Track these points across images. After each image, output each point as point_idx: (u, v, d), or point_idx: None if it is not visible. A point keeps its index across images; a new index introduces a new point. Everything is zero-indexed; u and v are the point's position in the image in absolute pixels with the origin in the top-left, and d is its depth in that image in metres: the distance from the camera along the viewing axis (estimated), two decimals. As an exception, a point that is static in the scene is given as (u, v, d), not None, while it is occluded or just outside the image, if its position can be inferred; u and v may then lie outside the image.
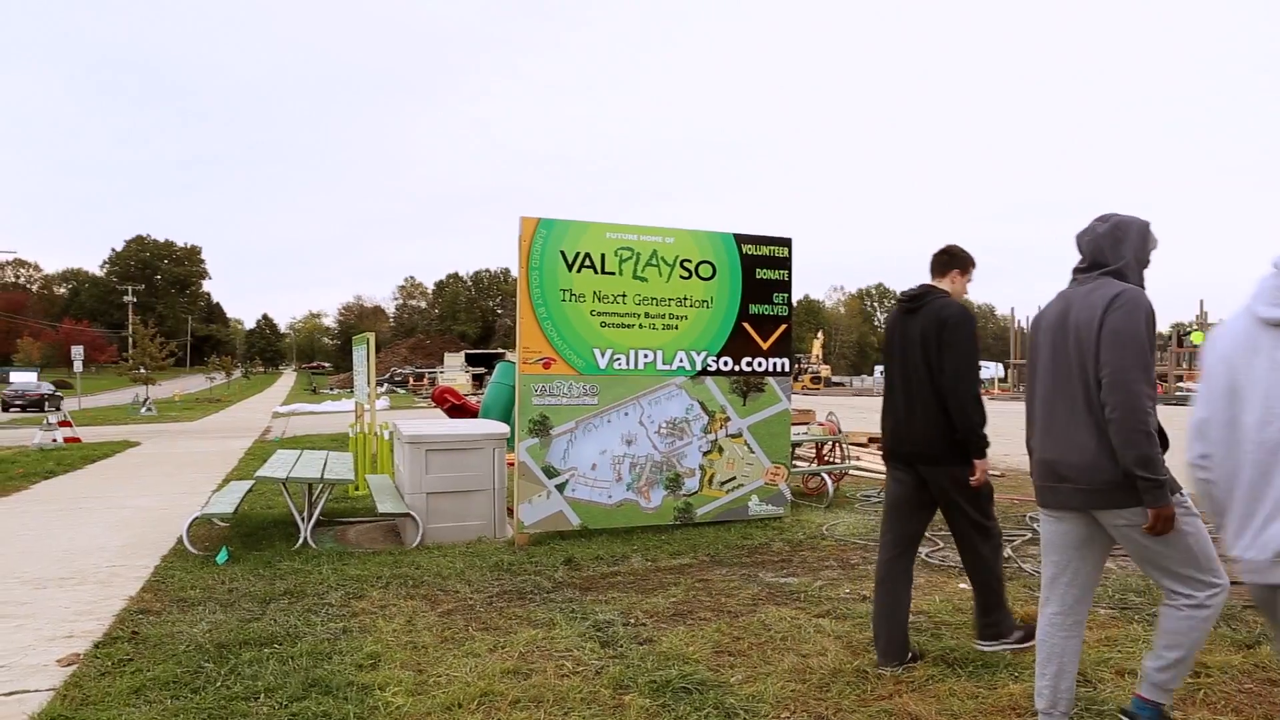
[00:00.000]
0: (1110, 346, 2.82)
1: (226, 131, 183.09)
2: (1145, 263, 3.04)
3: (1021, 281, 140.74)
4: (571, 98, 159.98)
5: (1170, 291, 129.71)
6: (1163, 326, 52.87)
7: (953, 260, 4.18)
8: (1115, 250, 3.00)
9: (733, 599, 4.98)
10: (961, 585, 5.23)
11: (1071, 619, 3.06)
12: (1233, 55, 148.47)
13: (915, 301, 4.06)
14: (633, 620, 4.56)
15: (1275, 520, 2.20)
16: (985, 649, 4.01)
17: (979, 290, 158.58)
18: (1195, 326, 48.75)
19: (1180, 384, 41.82)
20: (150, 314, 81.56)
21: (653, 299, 7.03)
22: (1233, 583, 2.91)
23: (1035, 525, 6.93)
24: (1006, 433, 16.67)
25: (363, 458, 9.42)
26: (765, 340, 7.41)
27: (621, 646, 4.12)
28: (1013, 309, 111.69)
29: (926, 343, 3.93)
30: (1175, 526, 2.79)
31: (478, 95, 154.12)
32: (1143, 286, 2.98)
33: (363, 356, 10.18)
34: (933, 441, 3.90)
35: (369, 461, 9.50)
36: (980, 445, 3.87)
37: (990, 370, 60.20)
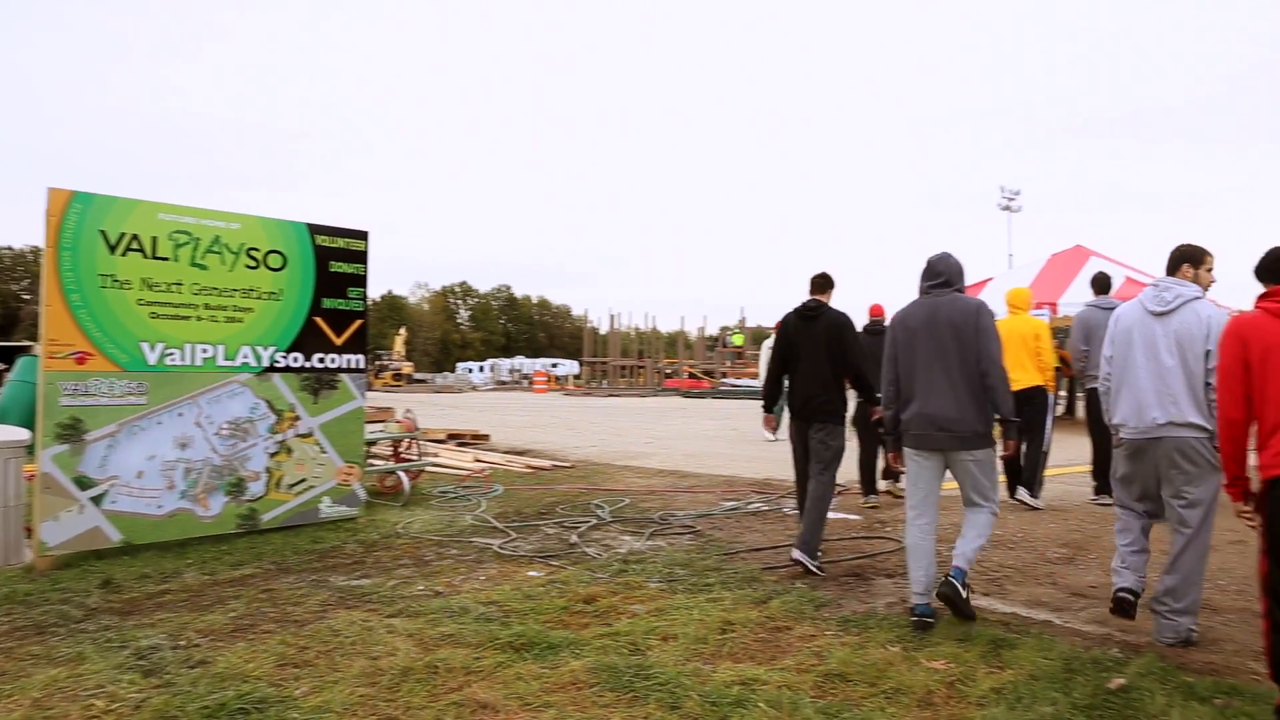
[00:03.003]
0: (986, 341, 4.40)
1: None
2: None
3: (594, 286, 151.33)
4: (136, 60, 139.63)
5: (717, 299, 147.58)
6: (712, 329, 60.05)
7: (827, 282, 6.13)
8: (960, 276, 4.64)
9: (300, 607, 4.74)
10: (531, 573, 5.49)
11: (932, 526, 4.55)
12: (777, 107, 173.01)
13: (813, 314, 5.90)
14: (184, 642, 4.14)
15: (1153, 407, 4.14)
16: (801, 562, 5.49)
17: (557, 291, 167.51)
18: (737, 329, 56.06)
19: (724, 380, 47.33)
20: None
21: (214, 289, 6.44)
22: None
23: (601, 513, 7.51)
24: (580, 428, 17.83)
25: None
26: (339, 335, 7.15)
27: (169, 673, 3.72)
28: (586, 310, 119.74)
29: (830, 341, 5.76)
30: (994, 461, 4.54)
31: (18, 44, 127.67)
32: None
33: None
34: (822, 407, 5.72)
35: None
36: (877, 400, 5.36)
37: (566, 367, 63.93)
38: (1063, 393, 17.90)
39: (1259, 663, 3.98)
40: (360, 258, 7.34)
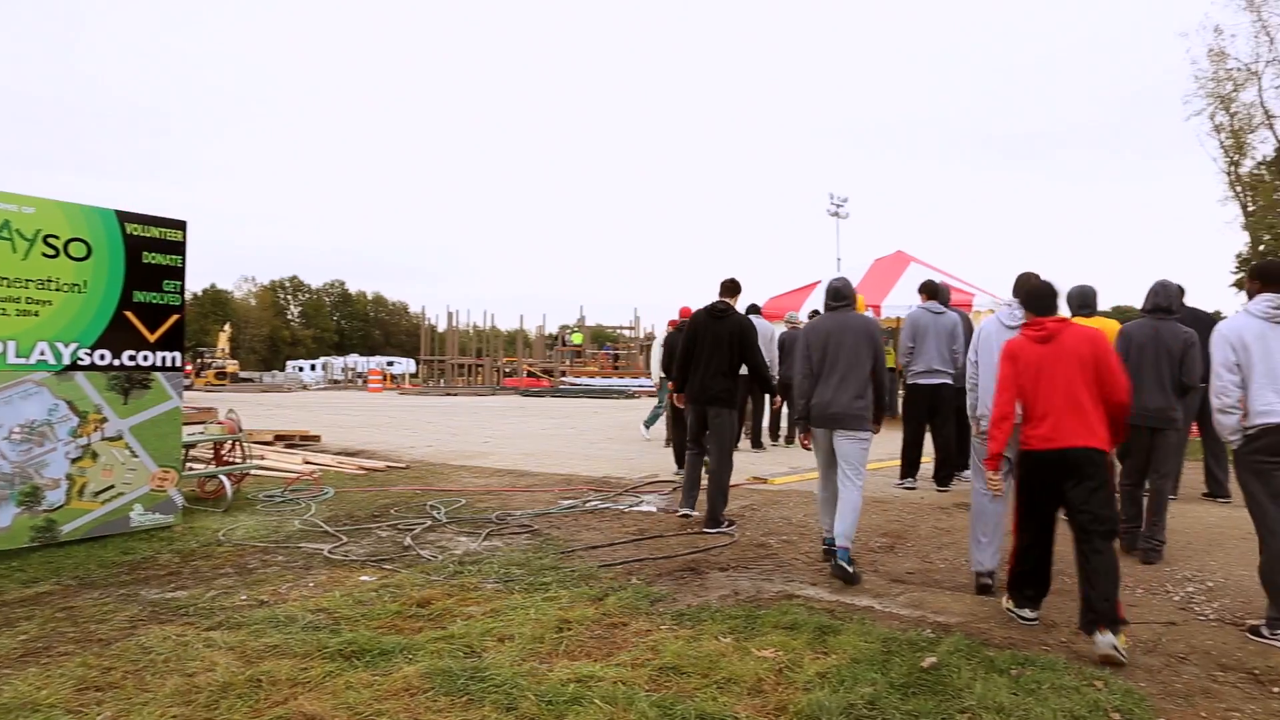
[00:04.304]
0: (880, 352, 5.59)
1: None
2: None
3: (432, 282, 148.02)
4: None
5: (556, 297, 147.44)
6: (551, 328, 59.88)
7: (736, 288, 7.07)
8: (855, 299, 5.79)
9: (105, 625, 4.39)
10: (363, 578, 5.31)
11: (833, 484, 5.61)
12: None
13: (722, 314, 6.87)
14: (-35, 669, 3.75)
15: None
16: (711, 532, 6.62)
17: (393, 288, 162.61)
18: (576, 328, 56.10)
19: (564, 378, 47.15)
20: None
21: (3, 279, 5.88)
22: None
23: (436, 514, 7.35)
24: (416, 428, 17.36)
25: None
26: (153, 332, 6.68)
27: (-55, 704, 3.37)
28: (424, 307, 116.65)
29: (732, 339, 6.76)
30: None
31: None
32: None
33: None
34: (718, 395, 6.77)
35: None
36: (775, 389, 7.51)
37: (402, 365, 62.23)
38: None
39: (1050, 635, 4.37)
40: (177, 249, 6.88)
